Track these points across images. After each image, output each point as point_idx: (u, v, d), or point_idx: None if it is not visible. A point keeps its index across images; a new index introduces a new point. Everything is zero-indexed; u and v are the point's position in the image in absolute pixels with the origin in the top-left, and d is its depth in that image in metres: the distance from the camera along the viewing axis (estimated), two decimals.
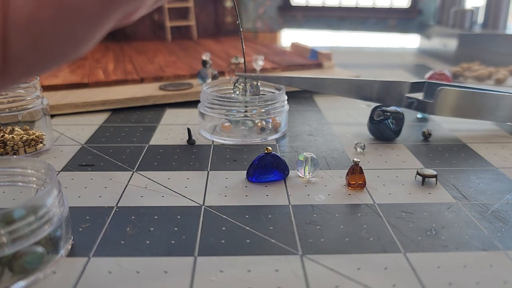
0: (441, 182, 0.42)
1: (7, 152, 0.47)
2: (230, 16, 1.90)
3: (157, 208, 0.37)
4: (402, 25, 2.21)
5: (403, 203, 0.38)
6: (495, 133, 0.57)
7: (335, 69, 0.91)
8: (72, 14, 0.19)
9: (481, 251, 0.32)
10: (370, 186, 0.41)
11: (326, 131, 0.57)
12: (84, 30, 0.20)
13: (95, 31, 0.20)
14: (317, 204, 0.38)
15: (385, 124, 0.52)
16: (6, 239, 0.26)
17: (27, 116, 0.49)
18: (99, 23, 0.20)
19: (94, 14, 0.19)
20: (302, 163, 0.42)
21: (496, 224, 0.35)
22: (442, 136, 0.56)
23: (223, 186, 0.41)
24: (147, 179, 0.42)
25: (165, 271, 0.29)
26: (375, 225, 0.35)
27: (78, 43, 0.20)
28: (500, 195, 0.40)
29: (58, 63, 0.21)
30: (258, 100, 0.52)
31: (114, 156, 0.48)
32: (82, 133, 0.55)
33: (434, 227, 0.35)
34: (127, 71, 0.84)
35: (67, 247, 0.31)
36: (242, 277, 0.29)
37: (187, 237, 0.33)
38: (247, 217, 0.36)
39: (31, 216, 0.27)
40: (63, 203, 0.30)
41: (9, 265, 0.27)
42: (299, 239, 0.33)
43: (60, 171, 0.44)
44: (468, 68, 0.97)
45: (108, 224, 0.34)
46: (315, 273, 0.29)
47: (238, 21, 0.52)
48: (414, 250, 0.32)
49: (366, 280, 0.28)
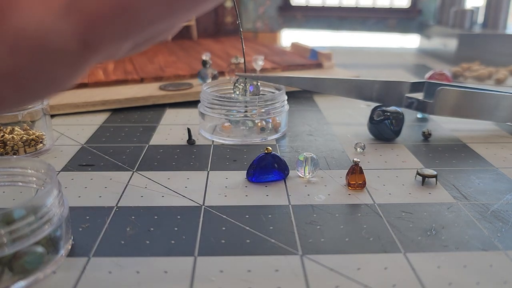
0: (441, 182, 0.42)
1: (7, 152, 0.47)
2: (230, 16, 1.90)
3: (157, 208, 0.37)
4: (402, 25, 2.21)
5: (403, 203, 0.38)
6: (495, 133, 0.57)
7: (335, 69, 0.91)
8: (51, 59, 0.18)
9: (481, 251, 0.32)
10: (370, 186, 0.41)
11: (326, 131, 0.57)
12: (65, 73, 0.19)
13: (76, 72, 0.20)
14: (317, 204, 0.38)
15: (385, 124, 0.52)
16: (6, 239, 0.26)
17: (27, 116, 0.49)
18: (80, 66, 0.20)
19: (75, 58, 0.19)
20: (302, 163, 0.42)
21: (496, 224, 0.35)
22: (442, 136, 0.56)
23: (223, 186, 0.41)
24: (147, 179, 0.42)
25: (165, 271, 0.29)
26: (375, 225, 0.35)
27: (60, 84, 0.20)
28: (500, 195, 0.40)
29: (42, 98, 0.21)
30: (258, 100, 0.52)
31: (114, 156, 0.48)
32: (82, 133, 0.55)
33: (434, 227, 0.35)
34: (127, 71, 0.84)
35: (67, 247, 0.31)
36: (242, 277, 0.29)
37: (187, 237, 0.33)
38: (247, 217, 0.36)
39: (31, 216, 0.27)
40: (63, 203, 0.30)
41: (9, 265, 0.27)
42: (299, 239, 0.33)
43: (60, 171, 0.44)
44: (468, 68, 0.97)
45: (108, 224, 0.34)
46: (315, 273, 0.29)
47: (238, 21, 0.52)
48: (414, 250, 0.32)
49: (366, 280, 0.28)
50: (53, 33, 0.18)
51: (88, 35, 0.18)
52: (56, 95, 0.21)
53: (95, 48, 0.19)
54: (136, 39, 0.21)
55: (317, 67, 0.91)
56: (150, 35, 0.22)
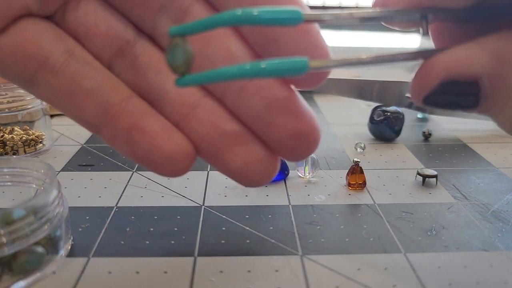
0: (442, 182, 0.42)
1: (6, 152, 0.47)
2: None
3: (157, 208, 0.37)
4: None
5: (404, 203, 0.38)
6: (495, 133, 0.57)
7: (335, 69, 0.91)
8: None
9: (481, 251, 0.32)
10: (370, 186, 0.41)
11: (326, 131, 0.57)
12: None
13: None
14: (317, 204, 0.38)
15: (385, 124, 0.52)
16: (6, 239, 0.26)
17: (27, 116, 0.49)
18: None
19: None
20: (302, 163, 0.42)
21: (497, 224, 0.35)
22: (442, 136, 0.56)
23: (223, 186, 0.41)
24: (147, 179, 0.42)
25: (165, 271, 0.29)
26: (375, 225, 0.35)
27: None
28: (501, 195, 0.40)
29: None
30: None
31: (114, 156, 0.48)
32: (82, 133, 0.55)
33: (435, 227, 0.35)
34: None
35: (67, 247, 0.31)
36: (242, 277, 0.29)
37: (187, 237, 0.33)
38: (247, 217, 0.36)
39: (31, 216, 0.27)
40: (63, 203, 0.30)
41: (9, 265, 0.27)
42: (299, 239, 0.33)
43: (60, 171, 0.44)
44: None
45: (108, 224, 0.34)
46: (315, 273, 0.29)
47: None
48: (415, 250, 0.32)
49: (366, 280, 0.28)
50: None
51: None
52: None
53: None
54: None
55: None
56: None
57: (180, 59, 0.20)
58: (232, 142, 0.24)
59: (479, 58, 0.21)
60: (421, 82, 0.22)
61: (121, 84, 0.24)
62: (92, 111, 0.23)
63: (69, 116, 0.25)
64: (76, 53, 0.23)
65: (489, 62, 0.21)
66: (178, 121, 0.24)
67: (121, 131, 0.23)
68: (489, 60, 0.21)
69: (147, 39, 0.24)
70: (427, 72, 0.22)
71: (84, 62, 0.23)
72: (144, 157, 0.24)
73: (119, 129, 0.23)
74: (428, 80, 0.22)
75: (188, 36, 0.20)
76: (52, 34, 0.23)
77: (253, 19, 0.18)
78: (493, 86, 0.21)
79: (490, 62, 0.21)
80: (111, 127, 0.23)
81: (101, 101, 0.23)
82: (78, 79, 0.23)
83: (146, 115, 0.23)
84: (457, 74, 0.21)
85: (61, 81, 0.23)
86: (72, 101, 0.24)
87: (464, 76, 0.21)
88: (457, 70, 0.21)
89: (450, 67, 0.21)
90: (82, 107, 0.23)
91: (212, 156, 0.24)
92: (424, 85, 0.22)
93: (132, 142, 0.23)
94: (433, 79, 0.22)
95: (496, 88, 0.21)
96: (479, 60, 0.21)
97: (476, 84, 0.21)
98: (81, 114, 0.24)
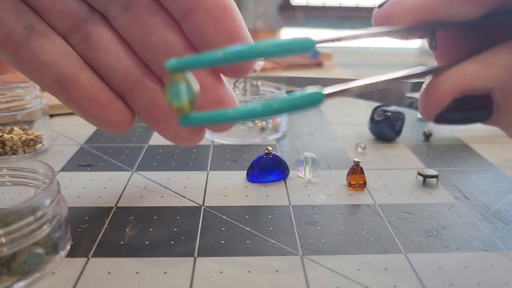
0: (442, 182, 0.42)
1: (6, 152, 0.47)
2: None
3: (157, 208, 0.37)
4: None
5: (404, 204, 0.38)
6: (496, 133, 0.57)
7: (336, 69, 0.91)
8: None
9: (482, 251, 0.32)
10: (370, 186, 0.41)
11: (326, 131, 0.56)
12: None
13: None
14: (318, 205, 0.38)
15: (386, 124, 0.52)
16: (5, 240, 0.26)
17: (26, 116, 0.49)
18: None
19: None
20: (303, 163, 0.42)
21: (498, 225, 0.35)
22: (443, 136, 0.56)
23: (223, 186, 0.41)
24: (146, 179, 0.42)
25: (165, 272, 0.29)
26: (376, 225, 0.35)
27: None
28: (502, 195, 0.40)
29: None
30: (258, 100, 0.52)
31: (114, 156, 0.48)
32: (81, 133, 0.55)
33: (435, 227, 0.34)
34: None
35: (66, 247, 0.31)
36: (242, 278, 0.28)
37: (187, 238, 0.33)
38: (247, 218, 0.36)
39: (30, 216, 0.27)
40: (62, 204, 0.30)
41: (8, 265, 0.27)
42: (299, 240, 0.33)
43: (59, 171, 0.44)
44: None
45: (107, 224, 0.34)
46: (315, 274, 0.29)
47: None
48: (415, 251, 0.31)
49: (366, 280, 0.28)
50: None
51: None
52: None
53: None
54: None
55: (317, 66, 0.91)
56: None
57: (185, 98, 0.19)
58: (166, 116, 0.29)
59: (491, 71, 0.21)
60: (432, 100, 0.22)
61: (75, 57, 0.28)
62: (49, 81, 0.28)
63: (32, 81, 0.29)
64: (36, 27, 0.26)
65: (501, 75, 0.21)
66: (123, 93, 0.29)
67: (74, 100, 0.28)
68: (501, 72, 0.21)
69: (100, 18, 0.28)
70: (438, 90, 0.22)
71: (43, 36, 0.27)
72: (92, 121, 0.29)
73: (72, 98, 0.28)
74: (440, 98, 0.22)
75: (188, 71, 0.19)
76: (13, 11, 0.26)
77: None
78: (505, 98, 0.21)
79: (502, 74, 0.21)
80: (65, 95, 0.28)
81: (56, 73, 0.27)
82: (37, 53, 0.27)
83: (94, 87, 0.28)
84: (471, 88, 0.21)
85: (23, 54, 0.26)
86: (33, 72, 0.28)
87: (478, 90, 0.21)
88: (470, 84, 0.21)
89: (464, 83, 0.21)
90: (41, 77, 0.28)
91: (150, 124, 0.30)
92: (436, 103, 0.22)
93: (83, 109, 0.28)
94: (445, 96, 0.22)
95: (508, 99, 0.21)
96: (492, 73, 0.21)
97: (489, 97, 0.21)
98: (40, 83, 0.28)
